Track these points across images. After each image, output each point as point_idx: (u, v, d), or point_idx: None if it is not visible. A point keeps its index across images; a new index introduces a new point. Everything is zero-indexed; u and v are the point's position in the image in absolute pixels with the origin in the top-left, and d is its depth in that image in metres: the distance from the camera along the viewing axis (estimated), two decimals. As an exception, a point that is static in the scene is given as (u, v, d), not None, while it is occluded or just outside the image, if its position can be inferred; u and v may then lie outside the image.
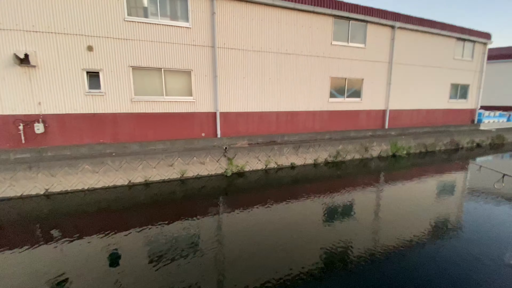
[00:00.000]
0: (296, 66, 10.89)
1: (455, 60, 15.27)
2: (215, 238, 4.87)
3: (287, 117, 11.14)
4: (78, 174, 7.18)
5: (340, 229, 5.19)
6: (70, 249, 4.48)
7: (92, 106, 8.18)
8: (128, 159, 7.65)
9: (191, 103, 9.36)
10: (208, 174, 8.54)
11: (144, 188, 7.47)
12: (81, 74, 7.93)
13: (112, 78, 8.26)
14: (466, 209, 6.38)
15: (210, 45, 9.26)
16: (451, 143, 13.93)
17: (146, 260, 4.16)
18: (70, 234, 5.00)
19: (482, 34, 15.69)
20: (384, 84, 13.16)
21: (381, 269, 3.93)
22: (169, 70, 8.92)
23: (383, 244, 4.61)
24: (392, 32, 12.72)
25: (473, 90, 16.47)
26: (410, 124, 14.56)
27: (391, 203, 6.64)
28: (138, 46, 8.38)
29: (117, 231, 5.06)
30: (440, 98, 15.35)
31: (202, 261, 4.12)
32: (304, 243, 4.67)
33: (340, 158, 10.77)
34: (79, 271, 3.89)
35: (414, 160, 11.39)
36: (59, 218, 5.76)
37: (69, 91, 7.88)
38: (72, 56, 7.77)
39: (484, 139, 15.06)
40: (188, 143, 9.31)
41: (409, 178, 8.89)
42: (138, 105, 8.66)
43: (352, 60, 12.07)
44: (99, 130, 8.35)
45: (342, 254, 4.31)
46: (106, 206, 6.34)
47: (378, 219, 5.74)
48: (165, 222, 5.45)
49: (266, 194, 7.29)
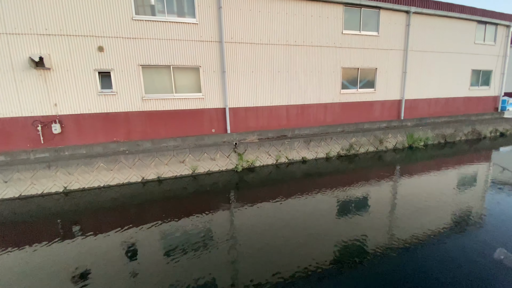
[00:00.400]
0: (305, 58, 10.64)
1: (476, 44, 14.40)
2: (228, 233, 4.89)
3: (298, 111, 10.97)
4: (94, 172, 7.42)
5: (353, 224, 5.07)
6: (90, 243, 4.66)
7: (105, 105, 8.38)
8: (141, 156, 7.81)
9: (201, 100, 9.39)
10: (219, 170, 8.59)
11: (157, 184, 7.62)
12: (93, 74, 8.12)
13: (123, 77, 8.41)
14: (487, 203, 6.06)
15: (217, 40, 9.20)
16: (473, 133, 13.26)
17: (162, 254, 4.25)
18: (89, 229, 5.19)
19: (505, 16, 14.67)
20: (399, 73, 12.64)
21: (395, 264, 3.80)
22: (178, 67, 8.97)
23: (398, 239, 4.47)
24: (407, 18, 12.14)
25: (496, 76, 15.53)
26: (428, 114, 13.95)
27: (406, 197, 6.41)
28: (147, 45, 8.46)
29: (133, 226, 5.20)
30: (460, 86, 14.58)
31: (216, 255, 4.16)
32: (317, 238, 4.60)
33: (353, 151, 10.52)
34: (99, 264, 4.03)
35: (432, 152, 10.94)
36: (78, 214, 5.99)
37: (82, 92, 8.10)
38: (84, 57, 7.95)
39: (508, 128, 14.23)
40: (199, 139, 9.38)
41: (426, 171, 8.54)
42: (149, 103, 8.79)
43: (365, 49, 11.65)
44: (113, 129, 8.56)
45: (355, 249, 4.22)
46: (121, 202, 6.52)
47: (393, 214, 5.56)
48: (178, 217, 5.54)
49: (277, 189, 7.24)
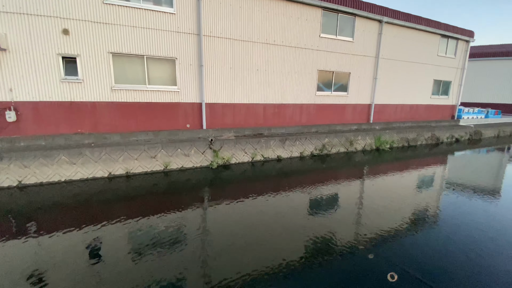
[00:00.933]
0: (284, 58, 10.75)
1: (439, 56, 15.62)
2: (200, 231, 4.78)
3: (275, 110, 11.06)
4: (54, 166, 6.83)
5: (324, 221, 5.23)
6: (48, 243, 4.26)
7: (69, 93, 7.74)
8: (108, 150, 7.34)
9: (176, 93, 9.06)
10: (193, 167, 8.37)
11: (126, 180, 7.22)
12: (56, 59, 7.45)
13: (90, 64, 7.83)
14: (442, 200, 6.59)
15: (195, 33, 8.93)
16: (432, 138, 14.38)
17: (128, 253, 4.01)
18: (48, 227, 4.76)
19: (465, 32, 16.08)
20: (371, 78, 13.29)
21: (362, 258, 3.98)
22: (152, 58, 8.56)
23: (364, 234, 4.68)
24: (379, 27, 12.78)
25: (454, 87, 16.98)
26: (394, 119, 14.87)
27: (373, 196, 6.76)
28: (119, 31, 7.95)
29: (97, 224, 4.86)
30: (423, 94, 15.74)
31: (186, 254, 4.03)
32: (289, 234, 4.66)
33: (326, 151, 10.86)
34: (56, 265, 3.70)
35: (396, 154, 11.67)
36: (34, 211, 5.45)
37: (43, 77, 7.40)
38: (46, 40, 7.27)
39: (463, 135, 15.64)
40: (172, 134, 9.05)
41: (391, 171, 9.09)
42: (119, 93, 8.28)
43: (340, 53, 12.06)
44: (77, 120, 7.95)
45: (324, 244, 4.34)
46: (85, 199, 6.07)
47: (360, 210, 5.83)
48: (148, 215, 5.29)
49: (252, 187, 7.24)
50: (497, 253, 4.29)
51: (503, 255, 4.24)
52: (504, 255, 4.24)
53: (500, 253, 4.31)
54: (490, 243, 4.60)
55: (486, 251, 4.35)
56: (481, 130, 16.58)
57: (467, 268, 3.89)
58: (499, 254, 4.27)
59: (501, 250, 4.38)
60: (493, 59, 24.05)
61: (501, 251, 4.36)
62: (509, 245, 4.56)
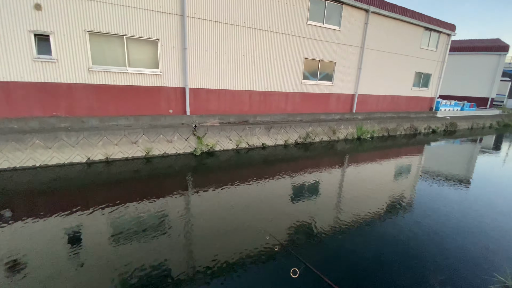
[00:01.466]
0: (270, 44, 10.60)
1: (421, 49, 15.99)
2: (182, 218, 4.79)
3: (260, 97, 11.00)
4: (27, 150, 6.50)
5: (306, 207, 5.39)
6: (23, 230, 4.12)
7: (42, 74, 7.29)
8: (86, 134, 7.07)
9: (158, 76, 8.77)
10: (175, 153, 8.26)
11: (106, 165, 7.03)
12: (27, 36, 6.95)
13: (65, 43, 7.37)
14: (418, 188, 6.97)
15: (179, 14, 8.57)
16: (411, 128, 14.94)
17: (109, 240, 3.97)
18: (23, 214, 4.58)
19: (447, 25, 16.49)
20: (355, 68, 13.44)
21: (340, 241, 4.18)
22: (132, 38, 8.17)
23: (345, 219, 4.89)
24: (366, 16, 12.82)
25: (434, 79, 17.56)
26: (376, 109, 15.25)
27: (353, 183, 7.01)
28: (96, 8, 7.48)
29: (76, 211, 4.74)
30: (405, 86, 16.17)
31: (167, 241, 4.04)
32: (272, 220, 4.78)
33: (310, 139, 11.03)
34: (33, 253, 3.60)
35: (377, 144, 12.06)
36: (9, 196, 5.22)
37: (13, 56, 6.90)
38: (16, 15, 6.73)
39: (439, 126, 16.36)
40: (154, 119, 8.83)
41: (371, 160, 9.42)
42: (96, 75, 7.90)
43: (327, 42, 12.05)
44: (52, 102, 7.55)
45: (307, 229, 4.50)
46: (62, 185, 5.87)
47: (340, 197, 6.05)
48: (129, 201, 5.21)
49: (236, 174, 7.28)
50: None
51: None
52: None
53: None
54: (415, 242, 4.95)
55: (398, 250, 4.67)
56: (456, 122, 17.40)
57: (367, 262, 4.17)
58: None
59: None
60: (471, 53, 24.95)
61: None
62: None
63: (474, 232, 4.78)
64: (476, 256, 4.07)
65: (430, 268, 3.73)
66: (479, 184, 7.59)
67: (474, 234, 4.73)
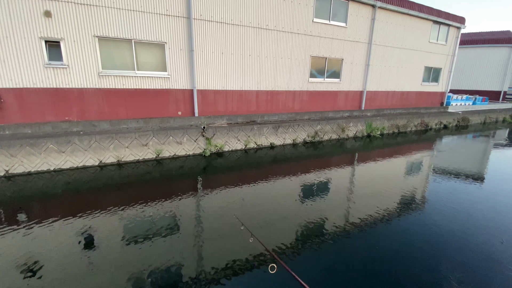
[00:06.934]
0: (276, 43, 10.56)
1: (430, 43, 15.66)
2: (194, 218, 4.80)
3: (267, 97, 10.96)
4: (42, 154, 6.64)
5: (318, 206, 5.33)
6: (40, 233, 4.19)
7: (54, 80, 7.44)
8: (98, 138, 7.17)
9: (166, 79, 8.83)
10: (185, 154, 8.30)
11: (117, 168, 7.12)
12: (38, 43, 7.09)
13: (75, 49, 7.49)
14: (430, 186, 6.81)
15: (185, 16, 8.62)
16: (421, 124, 14.65)
17: (122, 243, 4.00)
18: (39, 217, 4.67)
19: (457, 18, 16.11)
20: (363, 65, 13.26)
21: (354, 242, 4.11)
22: (140, 42, 8.26)
23: (357, 219, 4.82)
24: (373, 12, 12.63)
25: (444, 74, 17.17)
26: (385, 106, 15.01)
27: (364, 181, 6.91)
28: (104, 14, 7.59)
29: (90, 214, 4.81)
30: (414, 81, 15.86)
31: (180, 242, 4.05)
32: (282, 221, 4.74)
33: (318, 138, 10.94)
34: (49, 255, 3.66)
35: (387, 141, 11.87)
36: (25, 201, 5.34)
37: (25, 63, 7.06)
38: (27, 22, 6.88)
39: (451, 121, 15.99)
40: (164, 121, 8.90)
41: (381, 157, 9.27)
42: (106, 80, 8.01)
43: (333, 39, 11.93)
44: (64, 107, 7.69)
45: (318, 229, 4.45)
46: (76, 188, 5.97)
47: (352, 196, 5.96)
48: (142, 203, 5.26)
49: (246, 174, 7.26)
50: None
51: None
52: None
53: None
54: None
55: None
56: (468, 116, 16.98)
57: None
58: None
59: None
60: (482, 46, 24.31)
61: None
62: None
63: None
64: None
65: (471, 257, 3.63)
66: (496, 180, 7.37)
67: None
